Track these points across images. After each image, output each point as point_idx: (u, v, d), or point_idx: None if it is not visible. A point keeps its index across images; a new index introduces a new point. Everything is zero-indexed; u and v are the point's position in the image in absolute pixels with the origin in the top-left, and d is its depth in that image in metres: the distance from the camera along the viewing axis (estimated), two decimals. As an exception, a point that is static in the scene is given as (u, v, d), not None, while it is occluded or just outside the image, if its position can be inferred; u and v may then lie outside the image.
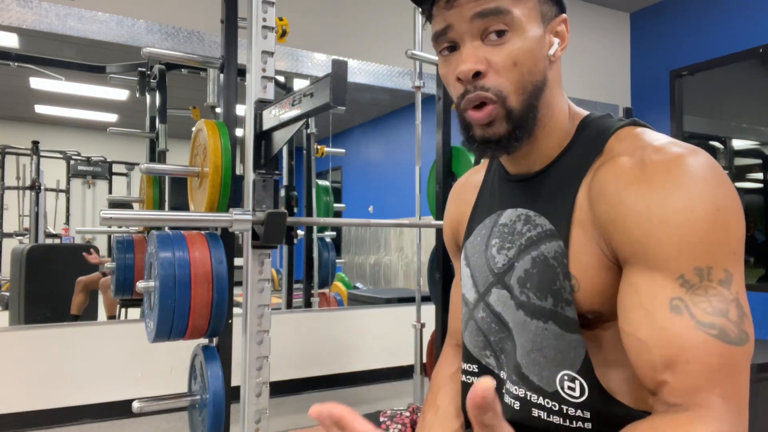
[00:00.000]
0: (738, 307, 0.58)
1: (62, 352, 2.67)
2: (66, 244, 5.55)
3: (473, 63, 0.69)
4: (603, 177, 0.67)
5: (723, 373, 0.56)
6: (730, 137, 4.25)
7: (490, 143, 0.71)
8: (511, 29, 0.69)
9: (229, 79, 1.62)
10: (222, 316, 1.43)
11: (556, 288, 0.69)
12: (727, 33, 3.79)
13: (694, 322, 0.57)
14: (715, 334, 0.56)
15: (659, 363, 0.59)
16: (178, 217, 1.41)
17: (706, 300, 0.58)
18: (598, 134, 0.73)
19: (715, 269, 0.59)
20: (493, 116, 0.70)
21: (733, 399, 0.56)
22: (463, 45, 0.70)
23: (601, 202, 0.66)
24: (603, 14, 4.37)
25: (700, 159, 0.62)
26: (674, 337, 0.58)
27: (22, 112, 6.36)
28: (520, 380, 0.73)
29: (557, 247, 0.69)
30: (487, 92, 0.69)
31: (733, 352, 0.56)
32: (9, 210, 5.95)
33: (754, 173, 4.23)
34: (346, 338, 3.40)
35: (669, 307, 0.59)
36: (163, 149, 2.95)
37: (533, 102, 0.71)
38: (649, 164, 0.64)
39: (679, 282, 0.59)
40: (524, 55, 0.69)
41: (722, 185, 0.61)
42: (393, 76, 3.50)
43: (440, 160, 2.15)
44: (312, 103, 1.07)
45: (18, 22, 2.55)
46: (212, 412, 1.44)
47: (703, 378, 0.56)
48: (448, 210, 0.98)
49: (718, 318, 0.57)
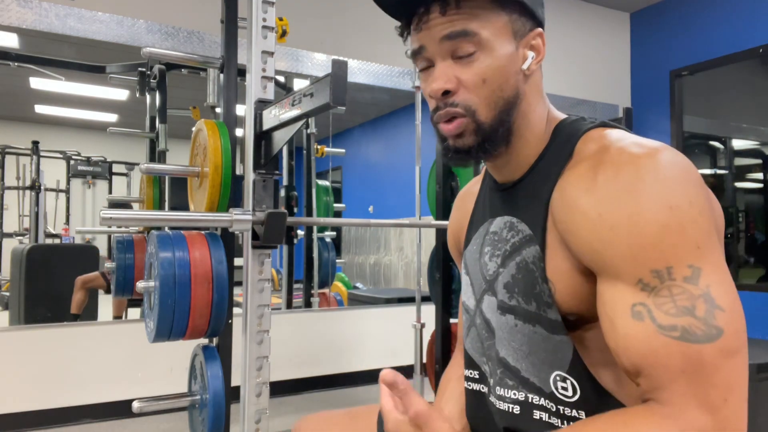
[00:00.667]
0: (707, 302, 0.57)
1: (62, 352, 2.67)
2: (66, 244, 5.55)
3: (443, 82, 0.72)
4: (564, 184, 0.69)
5: (687, 374, 0.56)
6: (730, 137, 4.25)
7: (460, 153, 0.75)
8: (479, 49, 0.71)
9: (229, 79, 1.62)
10: (222, 316, 1.43)
11: (537, 292, 0.70)
12: (727, 33, 3.79)
13: (655, 326, 0.58)
14: (677, 336, 0.56)
15: (630, 369, 0.60)
16: (178, 217, 1.41)
17: (670, 301, 0.58)
18: (568, 138, 0.74)
19: (677, 267, 0.58)
20: (462, 128, 0.73)
21: (700, 397, 0.55)
22: (436, 64, 0.74)
23: (560, 211, 0.68)
24: (603, 14, 4.37)
25: (657, 158, 0.62)
26: (637, 345, 0.59)
27: (22, 112, 6.36)
28: (519, 384, 0.74)
29: (535, 252, 0.71)
30: (456, 108, 0.73)
31: (700, 350, 0.55)
32: (9, 210, 5.95)
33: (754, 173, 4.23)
34: (346, 338, 3.40)
35: (631, 314, 0.59)
36: (163, 149, 2.95)
37: (504, 117, 0.73)
38: (601, 169, 0.65)
39: (639, 287, 0.59)
40: (493, 72, 0.72)
41: (679, 182, 0.60)
42: (393, 76, 3.50)
43: (440, 160, 2.15)
44: (312, 103, 1.07)
45: (18, 22, 2.55)
46: (212, 412, 1.44)
47: (666, 379, 0.57)
48: (451, 219, 1.02)
49: (681, 318, 0.57)
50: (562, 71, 4.06)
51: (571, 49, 4.15)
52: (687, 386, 0.56)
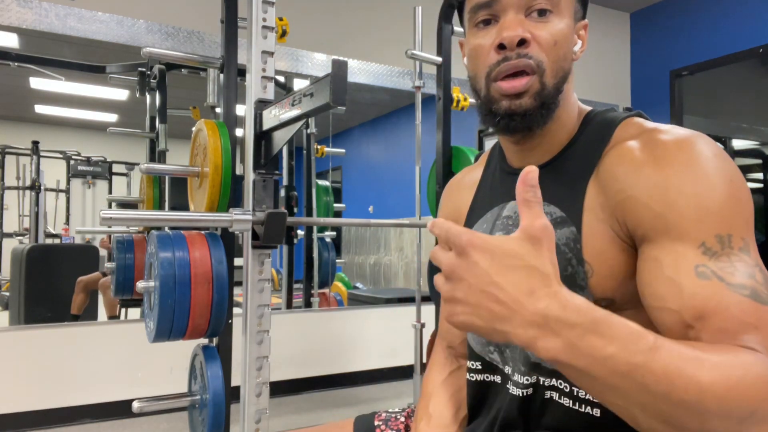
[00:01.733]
0: (762, 272, 0.58)
1: (62, 352, 2.67)
2: (66, 244, 5.55)
3: (521, 31, 0.70)
4: (612, 161, 0.69)
5: (761, 330, 0.54)
6: (730, 137, 4.25)
7: (515, 116, 0.72)
8: (554, 11, 0.71)
9: (229, 79, 1.62)
10: (222, 316, 1.43)
11: (568, 274, 0.69)
12: (727, 33, 3.79)
13: (723, 284, 0.57)
14: (748, 294, 0.55)
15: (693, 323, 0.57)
16: (178, 217, 1.41)
17: (731, 265, 0.58)
18: (604, 125, 0.74)
19: (734, 237, 0.59)
20: (528, 87, 0.71)
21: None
22: (505, 16, 0.71)
23: (613, 185, 0.68)
24: (603, 14, 4.37)
25: (706, 139, 0.65)
26: (707, 300, 0.56)
27: (22, 112, 6.36)
28: (530, 369, 0.74)
29: (569, 233, 0.70)
30: (530, 60, 0.70)
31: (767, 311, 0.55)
32: (9, 210, 5.95)
33: (754, 173, 4.23)
34: (346, 338, 3.40)
35: (696, 274, 0.58)
36: (163, 149, 2.95)
37: (560, 86, 0.73)
38: (660, 143, 0.66)
39: (701, 250, 0.59)
40: (563, 37, 0.72)
41: (729, 162, 0.63)
42: (393, 76, 3.50)
43: (440, 160, 2.15)
44: (312, 103, 1.07)
45: (18, 22, 2.55)
46: (212, 412, 1.44)
47: (740, 331, 0.54)
48: (442, 208, 0.99)
49: (747, 280, 0.57)
50: (562, 71, 4.05)
51: (571, 49, 4.14)
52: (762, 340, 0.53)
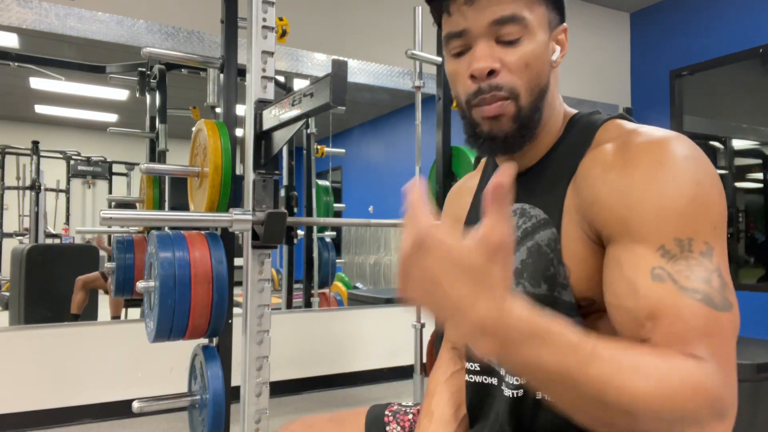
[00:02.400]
0: (720, 278, 0.58)
1: (62, 352, 2.67)
2: (66, 244, 5.55)
3: (489, 61, 0.71)
4: (588, 164, 0.71)
5: (709, 336, 0.55)
6: (730, 137, 4.25)
7: (495, 140, 0.73)
8: (525, 34, 0.71)
9: (229, 79, 1.62)
10: (222, 316, 1.43)
11: (551, 274, 0.70)
12: (727, 33, 3.78)
13: (677, 287, 0.58)
14: (700, 298, 0.56)
15: (646, 322, 0.58)
16: (178, 217, 1.41)
17: (688, 269, 0.59)
18: (587, 128, 0.76)
19: (696, 241, 0.60)
20: (502, 111, 0.72)
21: (721, 361, 0.55)
22: (477, 44, 0.72)
23: (585, 187, 0.69)
24: (603, 14, 4.37)
25: (681, 141, 0.65)
26: (659, 302, 0.58)
27: (22, 112, 6.36)
28: None
29: (551, 234, 0.71)
30: (500, 91, 0.71)
31: (719, 317, 0.56)
32: (9, 210, 5.95)
33: (754, 173, 4.23)
34: (346, 338, 3.40)
35: (651, 275, 0.60)
36: (163, 149, 2.95)
37: (538, 104, 0.74)
38: (631, 146, 0.67)
39: (660, 252, 0.60)
40: (535, 58, 0.72)
41: (702, 164, 0.63)
42: (393, 76, 3.50)
43: (440, 160, 2.15)
44: (312, 103, 1.07)
45: (18, 22, 2.55)
46: (212, 412, 1.44)
47: (688, 336, 0.55)
48: (444, 215, 1.00)
49: (701, 284, 0.57)
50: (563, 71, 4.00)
51: (571, 48, 4.12)
52: (710, 347, 0.55)
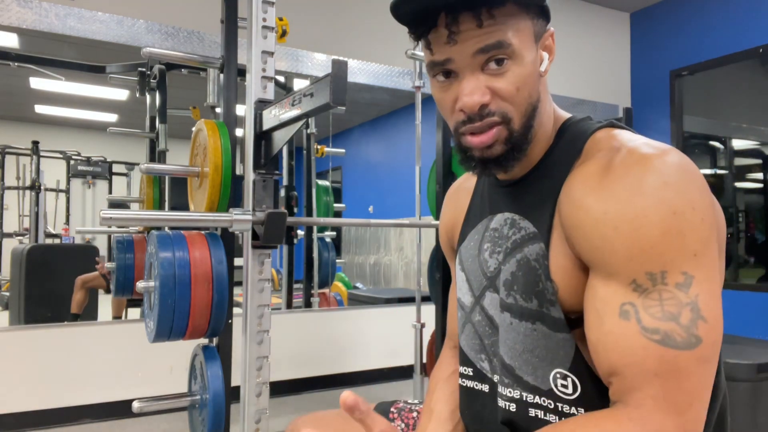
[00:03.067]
0: (693, 311, 0.58)
1: (62, 352, 2.67)
2: (66, 244, 5.55)
3: (479, 96, 0.70)
4: (572, 182, 0.69)
5: (661, 377, 0.57)
6: (730, 137, 4.25)
7: (488, 163, 0.73)
8: (511, 58, 0.70)
9: (229, 79, 1.62)
10: (222, 316, 1.43)
11: (540, 289, 0.70)
12: (727, 33, 3.78)
13: (639, 327, 0.59)
14: (658, 340, 0.58)
15: (605, 366, 0.62)
16: (178, 217, 1.41)
17: (658, 304, 0.59)
18: (576, 137, 0.74)
19: (671, 273, 0.59)
20: (496, 138, 0.71)
21: (669, 400, 0.57)
22: (464, 76, 0.71)
23: (567, 207, 0.68)
24: (603, 14, 4.37)
25: (666, 159, 0.63)
26: (618, 342, 0.60)
27: (22, 112, 6.36)
28: (514, 382, 0.74)
29: (539, 249, 0.71)
30: (493, 117, 0.71)
31: (675, 356, 0.57)
32: (9, 210, 5.95)
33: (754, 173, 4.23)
34: (346, 338, 3.40)
35: (618, 312, 0.61)
36: (163, 149, 2.95)
37: (530, 122, 0.73)
38: (611, 169, 0.65)
39: (631, 287, 0.61)
40: (524, 80, 0.71)
41: (685, 186, 0.61)
42: (393, 76, 3.50)
43: (440, 160, 2.15)
44: (312, 103, 1.07)
45: (18, 22, 2.55)
46: (212, 412, 1.44)
47: (639, 380, 0.58)
48: (443, 214, 1.00)
49: (665, 323, 0.58)
50: (562, 71, 4.05)
51: (571, 49, 4.14)
52: (658, 389, 0.57)
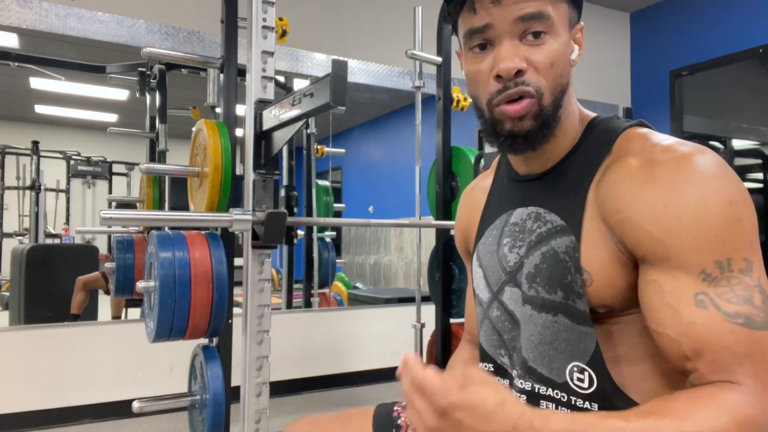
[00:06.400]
0: (762, 293, 0.60)
1: (62, 352, 2.67)
2: (66, 244, 5.55)
3: (516, 61, 0.70)
4: (612, 177, 0.70)
5: (751, 358, 0.58)
6: (730, 137, 4.25)
7: (518, 138, 0.73)
8: (549, 32, 0.71)
9: (229, 79, 1.62)
10: (222, 316, 1.43)
11: (567, 282, 0.70)
12: (727, 33, 3.78)
13: (720, 313, 0.60)
14: (742, 323, 0.59)
15: (690, 355, 0.61)
16: (178, 217, 1.41)
17: (730, 290, 0.60)
18: (606, 134, 0.75)
19: (735, 260, 0.61)
20: (528, 110, 0.71)
21: (765, 378, 0.58)
22: (501, 44, 0.71)
23: (612, 203, 0.68)
24: (603, 14, 4.37)
25: (707, 156, 0.65)
26: (703, 331, 0.60)
27: (22, 112, 6.35)
28: (526, 373, 0.75)
29: (569, 241, 0.71)
30: (528, 87, 0.71)
31: (761, 337, 0.58)
32: (9, 210, 5.95)
33: (754, 173, 4.23)
34: (346, 338, 3.40)
35: (694, 302, 0.61)
36: (163, 149, 2.95)
37: (560, 102, 0.74)
38: (659, 163, 0.66)
39: (701, 277, 0.61)
40: (559, 57, 0.72)
41: (731, 180, 0.63)
42: (393, 76, 3.50)
43: (440, 160, 2.15)
44: (312, 103, 1.07)
45: (18, 22, 2.55)
46: (212, 412, 1.44)
47: (732, 363, 0.59)
48: (458, 215, 1.01)
49: (743, 306, 0.59)
50: (562, 71, 4.05)
51: (571, 49, 4.14)
52: (752, 368, 0.58)
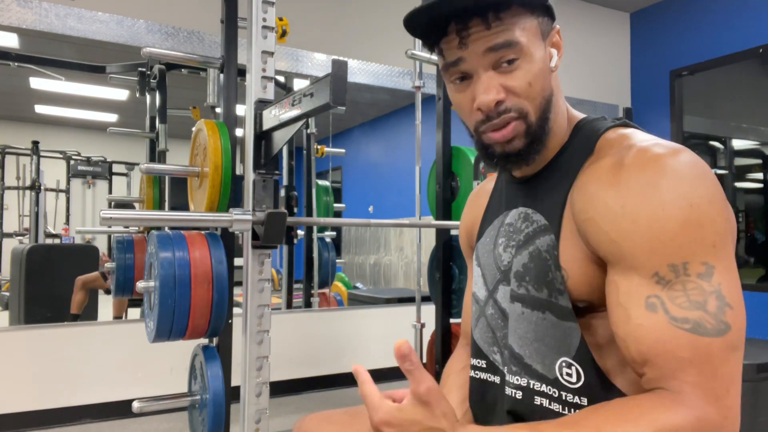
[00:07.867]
0: (718, 299, 0.59)
1: (62, 352, 2.67)
2: (66, 244, 5.55)
3: (494, 94, 0.72)
4: (585, 178, 0.72)
5: (695, 365, 0.58)
6: (730, 137, 4.25)
7: (510, 157, 0.76)
8: (521, 56, 0.73)
9: (229, 79, 1.62)
10: (222, 316, 1.43)
11: (550, 279, 0.72)
12: (727, 33, 3.78)
13: (667, 317, 0.60)
14: (689, 328, 0.59)
15: (637, 359, 0.62)
16: (178, 217, 1.41)
17: (683, 294, 0.60)
18: (589, 135, 0.77)
19: (692, 264, 0.60)
20: (515, 132, 0.74)
21: (707, 387, 0.58)
22: (478, 76, 0.74)
23: (580, 202, 0.70)
24: (603, 14, 4.37)
25: (679, 158, 0.64)
26: (648, 334, 0.61)
27: (22, 112, 6.36)
28: (521, 370, 0.76)
29: (549, 240, 0.74)
30: (510, 113, 0.73)
31: (708, 344, 0.58)
32: (9, 210, 5.95)
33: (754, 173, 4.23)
34: (346, 338, 3.40)
35: (645, 305, 0.62)
36: (163, 149, 2.95)
37: (546, 115, 0.76)
38: (626, 165, 0.67)
39: (654, 279, 0.62)
40: (535, 76, 0.73)
41: (700, 182, 0.63)
42: (393, 76, 3.50)
43: (440, 160, 2.15)
44: (312, 103, 1.07)
45: (18, 22, 2.55)
46: (212, 412, 1.44)
47: (674, 369, 0.59)
48: (463, 217, 1.04)
49: (693, 312, 0.59)
50: (562, 71, 4.00)
51: (571, 48, 4.13)
52: (695, 376, 0.58)
